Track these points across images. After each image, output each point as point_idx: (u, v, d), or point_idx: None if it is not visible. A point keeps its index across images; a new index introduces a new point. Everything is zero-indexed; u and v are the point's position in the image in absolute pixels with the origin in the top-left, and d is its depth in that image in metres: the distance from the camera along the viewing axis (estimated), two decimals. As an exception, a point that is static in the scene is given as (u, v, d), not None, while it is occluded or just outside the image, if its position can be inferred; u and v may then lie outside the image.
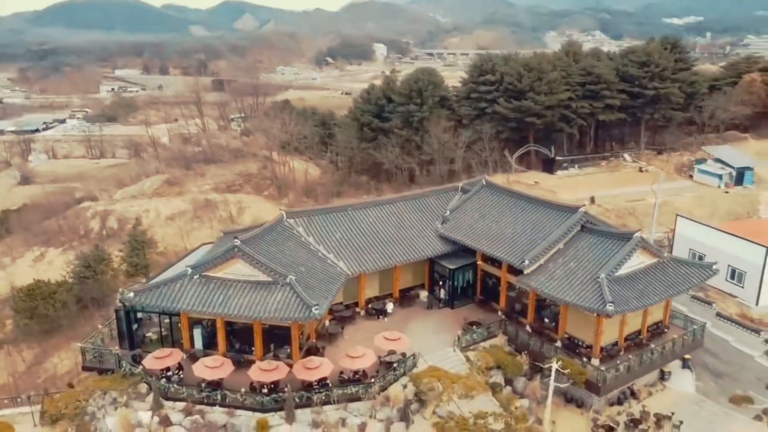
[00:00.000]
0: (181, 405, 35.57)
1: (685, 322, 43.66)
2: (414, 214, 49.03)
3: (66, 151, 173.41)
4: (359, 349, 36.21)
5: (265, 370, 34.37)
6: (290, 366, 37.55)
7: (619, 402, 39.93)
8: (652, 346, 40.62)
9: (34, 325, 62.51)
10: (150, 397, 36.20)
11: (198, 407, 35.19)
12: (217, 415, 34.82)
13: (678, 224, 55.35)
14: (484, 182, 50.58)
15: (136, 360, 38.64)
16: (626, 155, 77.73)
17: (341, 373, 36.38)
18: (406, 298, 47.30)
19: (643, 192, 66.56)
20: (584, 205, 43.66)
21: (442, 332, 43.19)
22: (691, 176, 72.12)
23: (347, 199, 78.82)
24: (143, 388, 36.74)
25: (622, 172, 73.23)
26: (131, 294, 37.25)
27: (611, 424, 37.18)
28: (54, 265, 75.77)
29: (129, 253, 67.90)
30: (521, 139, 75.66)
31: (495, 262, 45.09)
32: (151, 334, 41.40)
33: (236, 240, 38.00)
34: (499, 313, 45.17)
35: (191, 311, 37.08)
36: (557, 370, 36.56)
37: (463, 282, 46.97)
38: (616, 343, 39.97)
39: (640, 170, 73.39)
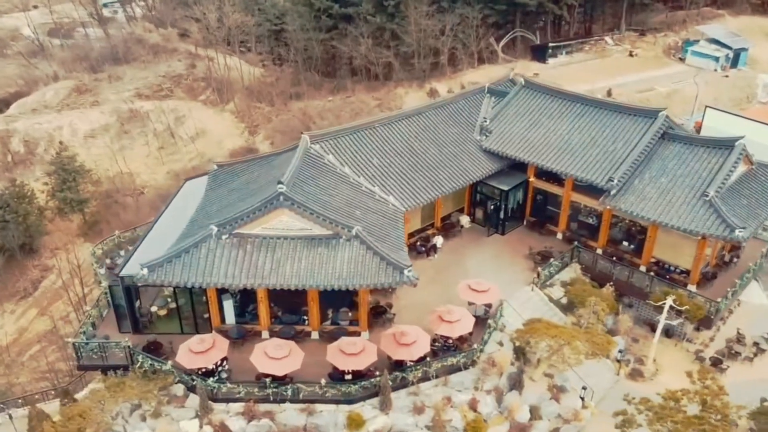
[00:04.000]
0: (237, 406, 27.39)
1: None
2: (447, 126, 40.65)
3: None
4: (454, 310, 29.13)
5: (350, 354, 26.61)
6: (357, 333, 30.20)
7: (707, 325, 36.49)
8: (735, 262, 37.04)
9: (-48, 289, 49.80)
10: (191, 401, 27.66)
11: (261, 407, 27.22)
12: (290, 414, 27.08)
13: (707, 116, 51.09)
14: (523, 82, 42.68)
15: (151, 350, 29.39)
16: (608, 38, 71.78)
17: (434, 341, 29.39)
18: (447, 226, 40.18)
19: (646, 80, 61.73)
20: (665, 108, 37.38)
21: (505, 266, 37.01)
22: (680, 59, 67.95)
23: (309, 101, 67.95)
24: (178, 389, 27.95)
25: (612, 58, 67.48)
26: (145, 271, 27.19)
27: (718, 356, 33.61)
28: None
29: (58, 185, 54.64)
30: (506, 24, 67.10)
31: (553, 178, 38.65)
32: (158, 309, 31.84)
33: (281, 185, 28.35)
34: (558, 236, 39.49)
35: (233, 285, 27.87)
36: (652, 304, 32.13)
37: (514, 203, 40.37)
38: (707, 264, 35.81)
39: (630, 54, 68.01)
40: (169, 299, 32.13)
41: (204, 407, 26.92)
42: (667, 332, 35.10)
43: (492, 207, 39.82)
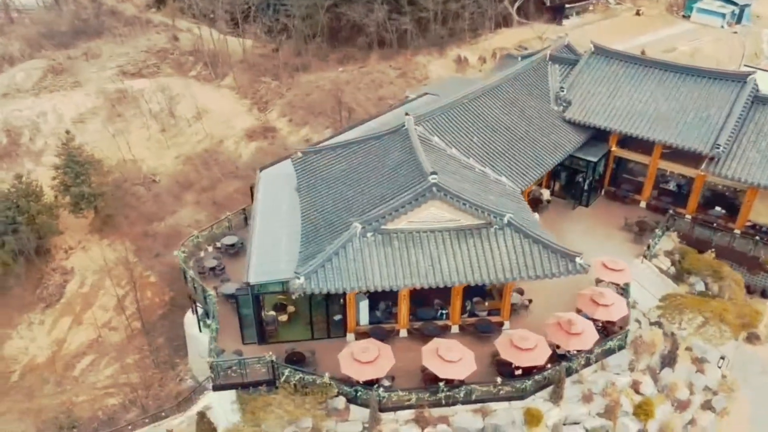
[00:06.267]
0: (405, 414, 25.76)
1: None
2: (524, 98, 39.26)
3: None
4: (607, 293, 28.35)
5: (526, 350, 25.38)
6: (498, 323, 29.07)
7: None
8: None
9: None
10: (354, 413, 25.76)
11: (433, 412, 25.71)
12: (464, 416, 25.74)
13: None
14: (593, 48, 41.63)
15: (294, 361, 27.12)
16: (609, -3, 71.75)
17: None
18: (533, 202, 39.04)
19: (664, 39, 62.18)
20: (754, 72, 37.41)
21: (603, 239, 36.52)
22: (684, 16, 68.81)
23: (318, 74, 64.34)
24: (339, 402, 25.90)
25: (621, 18, 67.46)
26: (301, 279, 24.66)
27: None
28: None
29: (71, 180, 49.50)
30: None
31: (637, 147, 38.24)
32: (277, 314, 29.38)
33: (433, 176, 26.23)
34: (642, 205, 39.37)
35: (392, 286, 25.79)
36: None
37: (596, 174, 39.78)
38: (798, 224, 36.64)
39: (637, 13, 68.20)
40: (286, 304, 29.78)
41: (374, 418, 25.15)
42: (763, 293, 36.01)
43: (580, 179, 39.06)
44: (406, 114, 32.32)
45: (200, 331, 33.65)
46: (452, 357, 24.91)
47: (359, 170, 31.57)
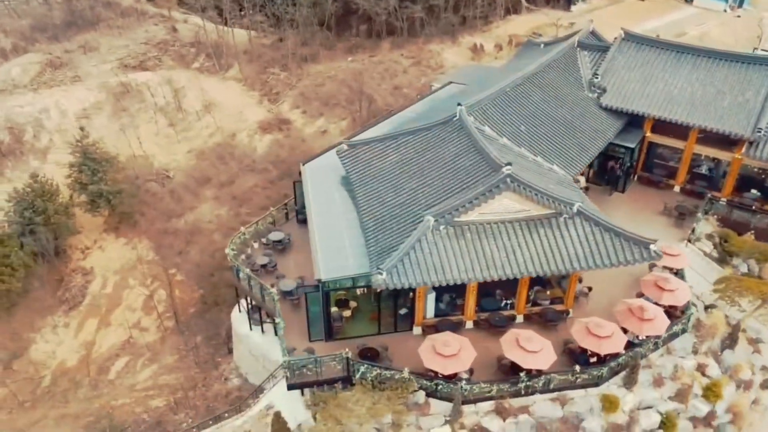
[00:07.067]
0: (485, 406, 25.80)
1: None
2: (561, 85, 39.27)
3: None
4: (671, 278, 28.72)
5: (604, 337, 25.57)
6: (563, 312, 29.27)
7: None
8: None
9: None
10: (435, 407, 25.69)
11: (513, 403, 25.79)
12: (543, 406, 25.90)
13: None
14: (623, 34, 41.82)
15: (368, 357, 26.91)
16: (606, -18, 72.01)
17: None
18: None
19: (672, 24, 62.80)
20: (786, 55, 38.04)
21: (646, 224, 36.54)
22: (687, 1, 69.57)
23: (327, 64, 63.52)
24: (419, 396, 25.78)
25: (627, 3, 67.75)
26: (383, 275, 24.38)
27: None
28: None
29: (88, 177, 48.17)
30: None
31: (672, 132, 38.64)
32: (341, 310, 29.07)
33: (507, 167, 26.11)
34: (676, 189, 39.91)
35: (470, 279, 25.70)
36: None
37: (633, 160, 40.14)
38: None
39: (639, -3, 68.90)
40: (347, 300, 29.50)
41: (457, 411, 25.13)
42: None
43: (616, 165, 39.37)
44: (459, 104, 32.02)
45: (251, 329, 33.22)
46: (533, 347, 24.98)
47: (415, 162, 31.24)
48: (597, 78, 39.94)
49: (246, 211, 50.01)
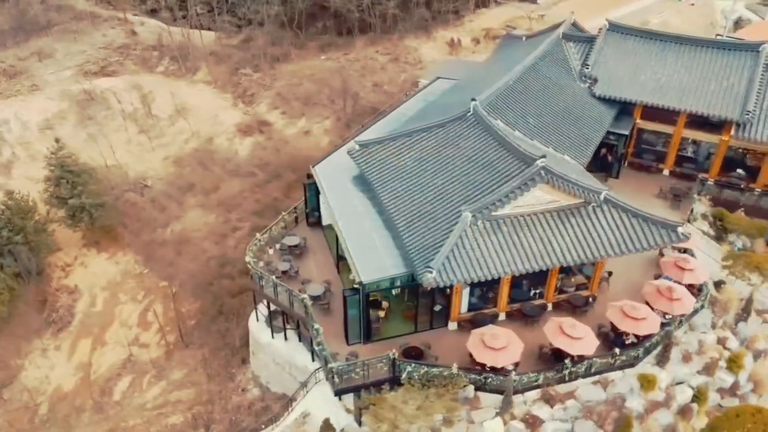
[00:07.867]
0: (532, 394, 26.27)
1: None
2: (556, 76, 40.20)
3: None
4: (690, 258, 29.97)
5: (640, 319, 26.48)
6: (588, 297, 30.11)
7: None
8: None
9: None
10: (485, 400, 25.96)
11: (559, 389, 26.37)
12: (587, 389, 26.59)
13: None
14: (608, 25, 43.14)
15: (413, 356, 26.90)
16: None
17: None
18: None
19: (634, 13, 65.12)
20: (766, 41, 40.08)
21: (643, 207, 37.48)
22: (642, -10, 72.38)
23: (300, 63, 62.72)
24: (469, 391, 25.97)
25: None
26: (431, 273, 24.37)
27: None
28: None
29: (68, 191, 45.94)
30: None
31: (661, 118, 40.22)
32: (376, 311, 28.91)
33: (541, 159, 26.54)
34: (665, 173, 41.61)
35: (513, 272, 26.01)
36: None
37: (624, 146, 41.52)
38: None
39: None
40: (380, 300, 29.35)
41: (508, 402, 25.49)
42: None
43: (609, 152, 40.64)
44: (473, 99, 32.30)
45: (272, 336, 32.60)
46: (578, 334, 25.60)
47: (435, 158, 31.30)
48: (587, 68, 41.06)
49: (236, 216, 48.87)
